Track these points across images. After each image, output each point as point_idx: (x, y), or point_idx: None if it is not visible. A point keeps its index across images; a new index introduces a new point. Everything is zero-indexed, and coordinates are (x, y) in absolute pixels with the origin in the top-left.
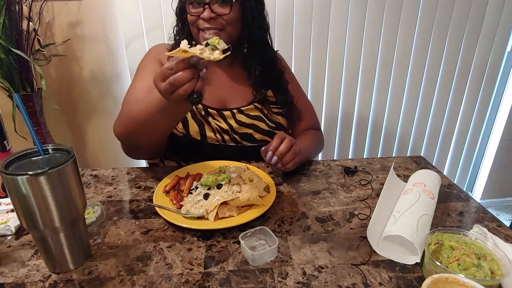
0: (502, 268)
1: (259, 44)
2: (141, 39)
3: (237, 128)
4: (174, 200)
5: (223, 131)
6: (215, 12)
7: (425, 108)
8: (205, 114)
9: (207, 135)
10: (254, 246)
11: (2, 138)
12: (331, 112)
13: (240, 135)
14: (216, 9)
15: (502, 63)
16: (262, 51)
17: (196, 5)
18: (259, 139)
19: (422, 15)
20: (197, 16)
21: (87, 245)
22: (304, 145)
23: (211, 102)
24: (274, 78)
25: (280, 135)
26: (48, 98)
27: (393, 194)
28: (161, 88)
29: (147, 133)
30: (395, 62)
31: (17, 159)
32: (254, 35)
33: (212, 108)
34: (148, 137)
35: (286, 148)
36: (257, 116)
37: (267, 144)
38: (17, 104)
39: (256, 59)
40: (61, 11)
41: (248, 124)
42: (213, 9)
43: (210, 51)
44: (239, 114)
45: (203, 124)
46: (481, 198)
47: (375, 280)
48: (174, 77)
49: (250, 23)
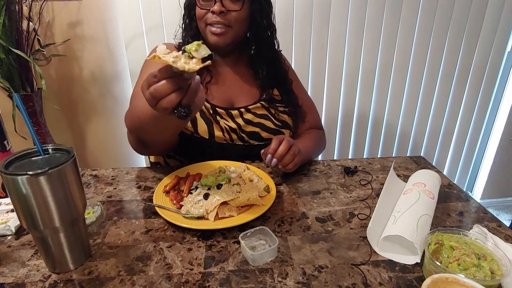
0: (502, 268)
1: (266, 45)
2: (141, 39)
3: (244, 127)
4: (174, 200)
5: (232, 130)
6: (225, 7)
7: (425, 108)
8: (213, 113)
9: (215, 134)
10: (254, 246)
11: (2, 138)
12: (331, 112)
13: (247, 133)
14: (227, 4)
15: (502, 63)
16: (268, 52)
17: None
18: (266, 137)
19: (422, 15)
20: (207, 10)
21: (87, 245)
22: (305, 145)
23: (219, 101)
24: (280, 78)
25: (279, 137)
26: (48, 98)
27: (393, 194)
28: (145, 97)
29: (152, 133)
30: (395, 62)
31: (17, 159)
32: (262, 36)
33: (220, 107)
34: (153, 137)
35: (285, 149)
36: (263, 114)
37: (266, 147)
38: (17, 104)
39: (262, 59)
40: (61, 11)
41: (255, 123)
42: (224, 4)
43: (186, 59)
44: (246, 113)
45: (211, 123)
46: (481, 198)
47: (375, 280)
48: (154, 87)
49: (258, 23)
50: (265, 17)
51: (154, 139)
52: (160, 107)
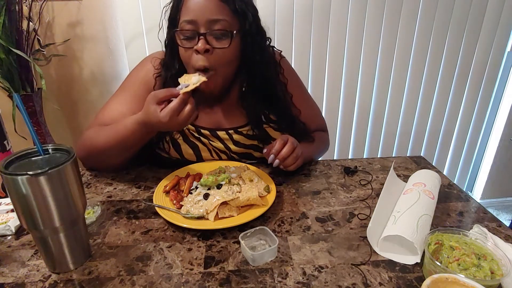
0: (502, 268)
1: (260, 78)
2: (141, 39)
3: (235, 150)
4: (174, 200)
5: (220, 151)
6: (211, 45)
7: (425, 108)
8: (198, 135)
9: (202, 156)
10: (254, 246)
11: (2, 138)
12: (331, 112)
13: (239, 155)
14: (213, 42)
15: (502, 63)
16: (263, 87)
17: (190, 37)
18: (259, 156)
19: (422, 15)
20: (191, 49)
21: (87, 245)
22: (308, 147)
23: (204, 123)
24: (276, 107)
25: (283, 137)
26: (48, 98)
27: (393, 194)
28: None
29: (112, 156)
30: (395, 62)
31: (17, 159)
32: (254, 71)
33: (205, 128)
34: (112, 160)
35: (288, 152)
36: (256, 135)
37: (270, 145)
38: (17, 104)
39: (255, 94)
40: (61, 11)
41: (247, 145)
42: (209, 41)
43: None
44: (236, 135)
45: (196, 146)
46: (481, 198)
47: (375, 280)
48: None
49: (250, 59)
50: (256, 50)
51: (112, 162)
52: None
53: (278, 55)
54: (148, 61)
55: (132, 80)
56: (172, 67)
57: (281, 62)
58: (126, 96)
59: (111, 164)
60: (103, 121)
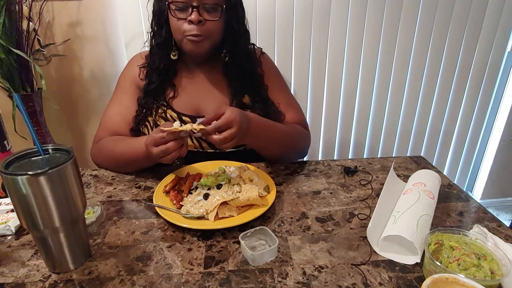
0: (502, 268)
1: (242, 52)
2: (141, 39)
3: None
4: (174, 200)
5: (200, 137)
6: (203, 17)
7: (425, 108)
8: (179, 121)
9: None
10: (254, 246)
11: (2, 138)
12: (331, 112)
13: None
14: (205, 14)
15: (502, 63)
16: (244, 59)
17: (182, 8)
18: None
19: (422, 15)
20: (183, 20)
21: (87, 245)
22: (269, 121)
23: (185, 109)
24: (254, 85)
25: (223, 108)
26: (48, 98)
27: (393, 194)
28: (153, 152)
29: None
30: (395, 62)
31: (17, 159)
32: (237, 43)
33: (186, 115)
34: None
35: (218, 126)
36: None
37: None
38: (17, 104)
39: (237, 67)
40: (61, 11)
41: None
42: (201, 13)
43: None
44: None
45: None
46: (481, 198)
47: (375, 280)
48: (166, 147)
49: (235, 31)
50: (241, 24)
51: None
52: (165, 160)
53: (259, 51)
54: (134, 58)
55: (122, 79)
56: (159, 36)
57: (261, 57)
58: (120, 96)
59: (129, 171)
60: (107, 126)
